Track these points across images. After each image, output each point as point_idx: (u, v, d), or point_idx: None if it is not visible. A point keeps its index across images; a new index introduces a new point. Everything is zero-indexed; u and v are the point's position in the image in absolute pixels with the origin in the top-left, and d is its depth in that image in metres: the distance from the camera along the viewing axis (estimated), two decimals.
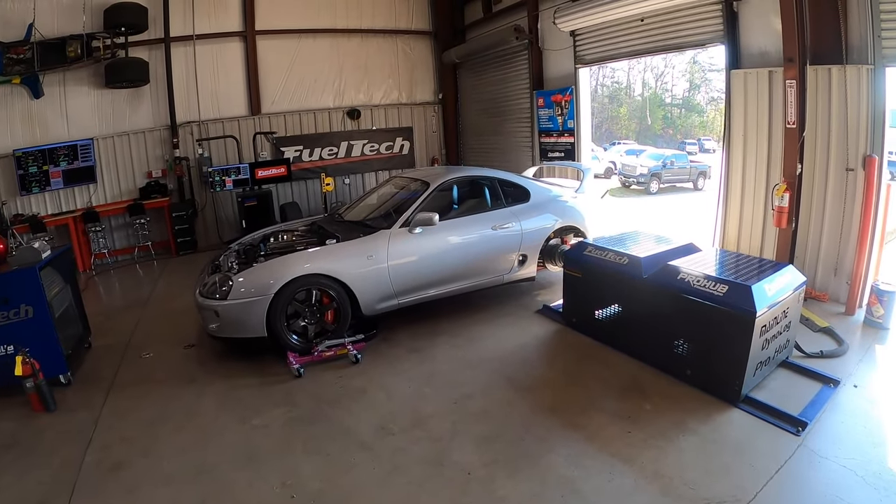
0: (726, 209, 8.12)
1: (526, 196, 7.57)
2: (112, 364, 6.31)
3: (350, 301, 6.21)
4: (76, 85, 11.32)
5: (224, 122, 12.70)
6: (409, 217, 6.56)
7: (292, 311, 6.03)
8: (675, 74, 47.58)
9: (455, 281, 6.88)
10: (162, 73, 11.92)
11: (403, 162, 14.41)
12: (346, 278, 6.10)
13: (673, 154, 25.76)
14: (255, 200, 11.54)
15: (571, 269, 6.39)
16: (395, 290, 6.47)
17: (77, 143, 11.40)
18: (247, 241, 7.37)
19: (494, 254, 7.11)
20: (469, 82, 14.36)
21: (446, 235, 6.75)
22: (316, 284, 6.03)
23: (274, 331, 5.88)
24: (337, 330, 6.20)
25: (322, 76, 13.54)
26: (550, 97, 11.09)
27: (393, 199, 7.50)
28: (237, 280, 5.85)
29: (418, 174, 7.95)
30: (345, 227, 7.00)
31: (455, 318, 7.02)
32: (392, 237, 6.42)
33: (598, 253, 6.08)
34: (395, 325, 6.82)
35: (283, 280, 5.82)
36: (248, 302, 5.76)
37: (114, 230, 12.04)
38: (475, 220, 7.07)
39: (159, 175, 12.37)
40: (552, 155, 11.37)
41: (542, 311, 7.13)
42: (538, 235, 7.44)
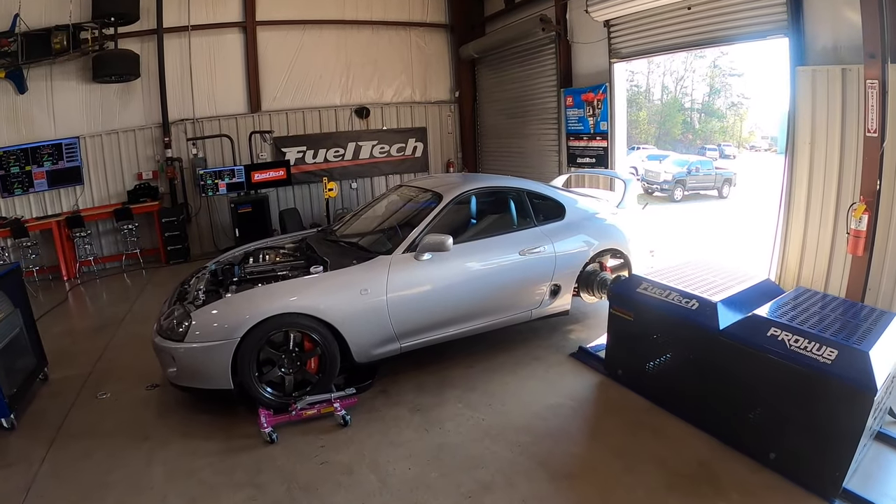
0: (786, 232, 6.77)
1: (560, 212, 6.18)
2: (64, 405, 5.24)
3: (339, 346, 4.87)
4: (63, 79, 10.39)
5: (220, 120, 11.52)
6: (416, 239, 5.21)
7: (266, 357, 4.73)
8: (695, 79, 46.91)
9: (472, 319, 5.51)
10: (154, 67, 10.84)
11: (416, 165, 13.22)
12: (333, 318, 4.76)
13: (698, 160, 24.40)
14: (250, 206, 10.41)
15: (620, 309, 4.99)
16: (396, 332, 5.11)
17: (62, 142, 10.54)
18: (226, 259, 6.12)
19: (522, 285, 5.75)
20: (489, 80, 13.00)
21: (462, 262, 5.38)
22: (294, 325, 4.69)
23: (242, 383, 4.61)
24: (322, 381, 4.87)
25: (328, 71, 12.26)
26: (580, 96, 9.72)
27: (397, 215, 6.14)
28: (196, 318, 4.60)
29: (429, 183, 6.42)
30: (336, 249, 5.67)
31: (469, 361, 5.66)
32: (393, 265, 5.07)
33: (658, 292, 4.68)
34: (397, 369, 5.49)
35: (252, 321, 4.52)
36: (209, 347, 4.50)
37: (101, 235, 11.08)
38: (498, 242, 5.69)
39: (150, 177, 11.28)
40: (581, 161, 10.03)
41: (578, 354, 5.73)
42: (574, 261, 6.04)
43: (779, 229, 6.89)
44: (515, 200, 6.07)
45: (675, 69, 46.24)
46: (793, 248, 6.71)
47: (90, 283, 10.22)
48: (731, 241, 12.97)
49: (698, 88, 47.15)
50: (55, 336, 7.09)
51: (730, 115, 46.33)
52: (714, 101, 46.56)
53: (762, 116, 46.08)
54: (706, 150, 35.81)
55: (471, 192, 5.95)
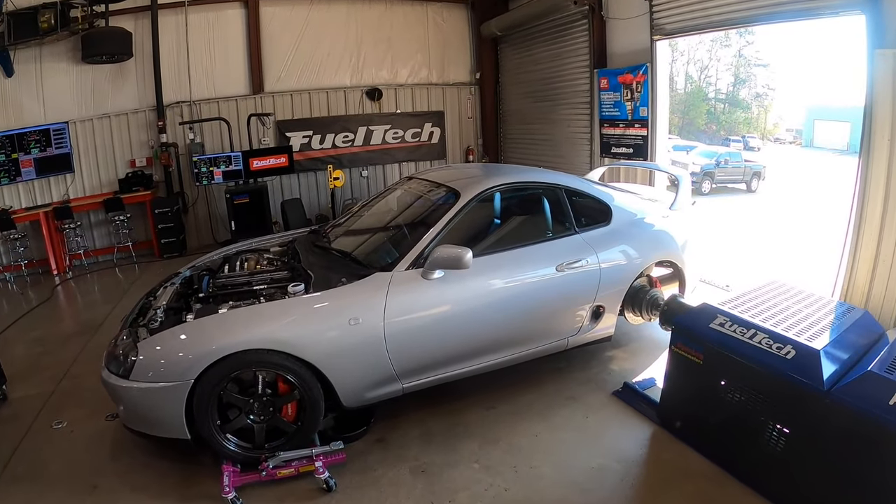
0: (857, 243, 5.52)
1: (605, 215, 4.99)
2: (16, 434, 4.41)
3: (323, 388, 3.78)
4: (53, 61, 9.50)
5: (220, 103, 10.45)
6: (424, 252, 4.03)
7: (230, 401, 3.67)
8: (719, 68, 45.58)
9: (494, 352, 4.36)
10: (149, 46, 9.82)
11: (432, 152, 12.05)
12: (313, 356, 3.64)
13: (727, 152, 23.08)
14: (248, 197, 9.35)
15: (686, 348, 3.79)
16: (397, 371, 3.97)
17: (50, 128, 9.65)
18: (203, 263, 5.05)
19: (558, 307, 4.58)
20: (512, 60, 11.71)
21: (484, 281, 4.21)
22: (263, 364, 3.60)
23: (202, 432, 3.57)
24: (301, 432, 3.78)
25: (337, 50, 11.07)
26: (617, 77, 8.47)
27: (403, 216, 4.96)
28: (143, 350, 3.56)
29: (444, 176, 5.11)
30: (325, 259, 4.54)
31: (489, 400, 4.53)
32: (394, 286, 3.91)
33: (739, 331, 3.49)
34: (398, 409, 4.37)
35: (207, 360, 3.45)
36: (158, 389, 3.46)
37: (93, 227, 10.21)
38: (530, 254, 4.50)
39: (144, 164, 10.29)
40: (616, 151, 8.79)
41: (623, 393, 4.56)
42: (622, 276, 4.84)
43: (848, 239, 5.65)
44: (551, 200, 4.86)
45: (699, 58, 45.17)
46: (863, 261, 5.49)
47: (81, 278, 9.40)
48: (776, 241, 11.79)
49: (723, 78, 45.86)
50: (28, 342, 6.34)
51: (754, 105, 45.07)
52: (738, 92, 45.18)
53: (787, 108, 45.29)
54: (730, 141, 34.86)
55: (496, 189, 4.69)
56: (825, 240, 11.03)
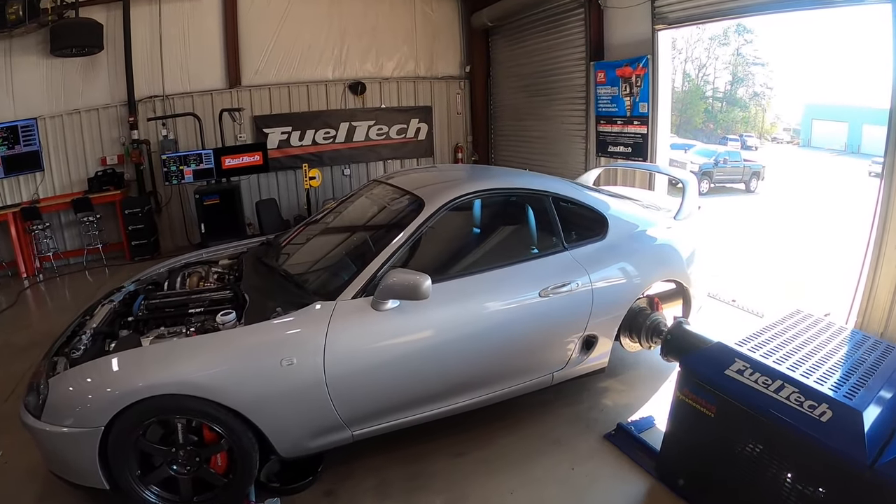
0: (877, 261, 4.80)
1: (600, 228, 4.22)
2: None
3: (258, 436, 3.12)
4: (23, 55, 8.88)
5: (194, 97, 9.74)
6: (375, 276, 3.29)
7: (148, 449, 3.06)
8: (717, 66, 45.73)
9: (463, 394, 3.63)
10: (121, 38, 9.15)
11: (419, 150, 11.29)
12: (239, 403, 2.98)
13: (726, 151, 22.61)
14: (218, 197, 8.64)
15: (696, 398, 3.05)
16: (343, 418, 3.27)
17: (18, 124, 8.98)
18: (150, 276, 4.37)
19: (541, 340, 3.83)
20: (505, 52, 10.96)
21: (449, 312, 3.46)
22: (182, 411, 2.97)
23: (119, 483, 3.01)
24: (233, 486, 3.13)
25: (318, 41, 10.32)
26: (615, 70, 7.75)
27: (358, 230, 4.22)
28: (53, 388, 2.96)
29: (412, 181, 4.29)
30: (267, 280, 3.81)
31: (459, 444, 3.81)
32: (336, 319, 3.17)
33: (761, 381, 2.78)
34: (351, 457, 3.65)
35: (117, 404, 2.83)
36: (68, 433, 2.88)
37: (64, 228, 9.55)
38: (508, 277, 3.73)
39: (115, 162, 9.61)
40: (613, 150, 8.06)
41: (616, 437, 3.83)
42: (619, 299, 4.08)
43: (867, 258, 4.93)
44: (535, 210, 4.10)
45: (697, 56, 45.26)
46: (883, 284, 4.78)
47: (50, 281, 8.83)
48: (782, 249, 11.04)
49: (721, 77, 45.94)
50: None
51: (752, 105, 45.06)
52: (736, 90, 45.18)
53: (785, 107, 45.79)
54: (728, 139, 34.92)
55: (469, 197, 3.91)
56: (833, 248, 10.31)
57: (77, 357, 3.16)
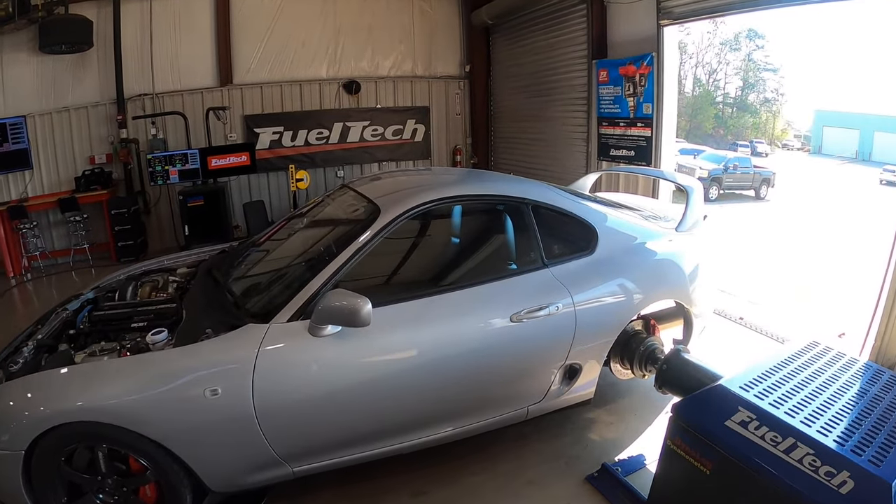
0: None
1: (589, 241, 3.69)
2: None
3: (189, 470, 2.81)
4: (14, 52, 8.77)
5: (184, 95, 9.52)
6: (312, 298, 2.88)
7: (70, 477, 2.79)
8: (728, 72, 44.91)
9: (418, 430, 3.20)
10: (111, 35, 8.98)
11: (415, 151, 10.97)
12: (160, 435, 2.66)
13: (736, 157, 22.10)
14: (202, 199, 8.42)
15: (689, 450, 2.56)
16: (279, 454, 2.88)
17: (6, 122, 8.85)
18: (110, 283, 4.06)
19: (513, 371, 3.35)
20: (505, 51, 10.58)
21: (399, 339, 3.03)
22: (102, 439, 2.68)
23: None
24: None
25: (312, 39, 10.06)
26: (618, 69, 7.34)
27: (309, 242, 3.76)
28: None
29: (377, 188, 3.83)
30: (211, 294, 3.46)
31: (421, 480, 3.40)
32: (268, 344, 2.78)
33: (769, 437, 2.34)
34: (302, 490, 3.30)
35: (35, 428, 2.58)
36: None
37: (52, 227, 9.39)
38: (473, 299, 3.24)
39: (104, 161, 9.42)
40: (616, 153, 7.63)
41: (599, 480, 3.35)
42: (608, 324, 3.58)
43: (886, 282, 4.33)
44: (513, 219, 3.62)
45: (707, 61, 44.59)
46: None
47: (38, 280, 8.68)
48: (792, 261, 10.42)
49: (731, 82, 45.12)
50: None
51: (763, 111, 44.30)
52: (747, 96, 44.42)
53: (796, 113, 45.11)
54: (738, 145, 34.28)
55: (429, 206, 3.36)
56: (843, 256, 9.81)
57: (14, 371, 2.88)
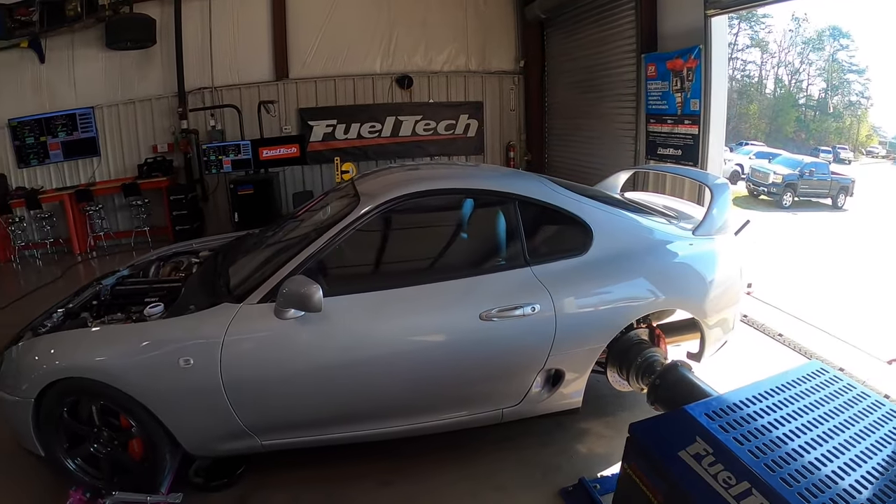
0: None
1: (582, 240, 3.44)
2: None
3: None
4: (84, 48, 9.63)
5: (242, 89, 9.93)
6: (278, 285, 2.98)
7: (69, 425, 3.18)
8: (811, 72, 43.06)
9: (382, 419, 3.25)
10: (173, 32, 9.57)
11: (468, 146, 10.89)
12: (142, 395, 2.92)
13: (812, 162, 20.85)
14: (252, 188, 8.74)
15: (642, 476, 2.23)
16: (247, 426, 3.05)
17: (76, 112, 9.73)
18: (143, 261, 4.41)
19: (480, 371, 3.24)
20: (559, 46, 10.29)
21: (358, 328, 3.08)
22: (96, 395, 3.00)
23: (49, 450, 3.15)
24: (147, 472, 3.11)
25: (367, 34, 10.19)
26: (665, 63, 6.98)
27: (299, 229, 3.79)
28: (7, 358, 3.19)
29: (377, 181, 3.82)
30: (209, 274, 3.67)
31: (389, 471, 3.39)
32: (237, 323, 2.95)
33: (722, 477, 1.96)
34: (276, 465, 3.42)
35: (43, 380, 2.97)
36: (10, 401, 3.08)
37: (117, 210, 10.16)
38: (439, 293, 3.20)
39: (166, 150, 10.02)
40: (663, 152, 7.25)
41: (573, 495, 3.10)
42: (596, 330, 3.33)
43: None
44: (497, 216, 3.49)
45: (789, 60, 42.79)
46: None
47: (101, 259, 9.40)
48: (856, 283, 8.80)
49: (814, 84, 43.16)
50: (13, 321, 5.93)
51: (847, 115, 41.89)
52: (831, 99, 42.26)
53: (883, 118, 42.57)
54: (819, 151, 32.14)
55: (406, 200, 3.35)
56: None
57: (41, 333, 3.21)
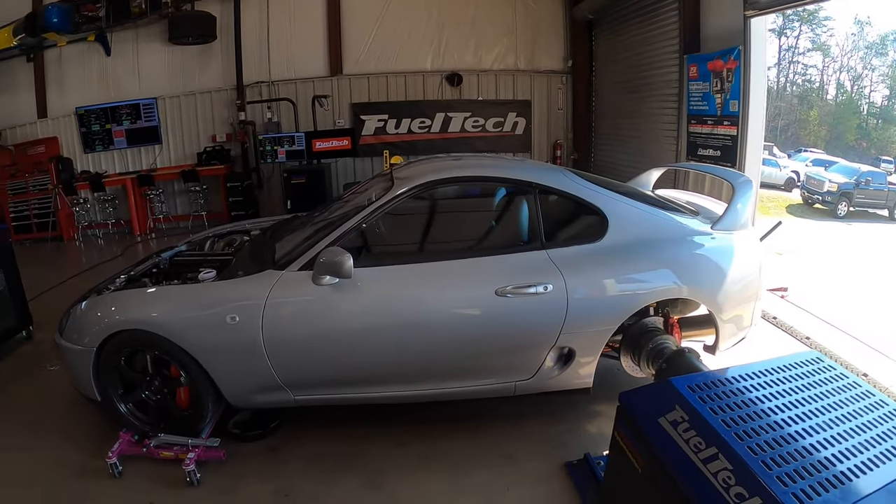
0: None
1: (598, 228, 3.57)
2: (16, 371, 4.90)
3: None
4: (148, 42, 10.37)
5: (297, 84, 10.41)
6: (316, 255, 3.29)
7: (124, 372, 3.66)
8: (874, 78, 40.51)
9: (404, 383, 3.53)
10: (232, 28, 10.10)
11: (515, 144, 11.07)
12: (192, 347, 3.34)
13: (869, 171, 20.09)
14: (304, 177, 9.20)
15: (629, 442, 2.25)
16: (282, 381, 3.40)
17: (140, 102, 10.48)
18: (198, 239, 4.90)
19: (494, 343, 3.43)
20: (605, 46, 10.40)
21: (384, 295, 3.38)
22: (152, 346, 3.44)
23: (106, 395, 3.60)
24: (191, 420, 3.54)
25: (417, 33, 10.51)
26: (706, 64, 7.02)
27: (343, 209, 4.02)
28: (73, 312, 3.68)
29: (402, 169, 4.21)
30: (260, 247, 4.08)
31: (407, 434, 3.67)
32: (279, 288, 3.31)
33: (693, 442, 2.01)
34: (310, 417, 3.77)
35: (105, 331, 3.42)
36: (74, 350, 3.54)
37: (176, 195, 10.82)
38: (462, 269, 3.45)
39: (224, 140, 10.60)
40: (703, 153, 7.27)
41: (577, 468, 3.25)
42: (606, 312, 3.46)
43: None
44: (518, 202, 3.79)
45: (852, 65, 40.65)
46: None
47: (159, 239, 10.06)
48: None
49: (878, 90, 40.60)
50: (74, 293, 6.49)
51: None
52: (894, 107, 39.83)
53: None
54: (881, 160, 29.97)
55: (436, 185, 3.70)
56: None
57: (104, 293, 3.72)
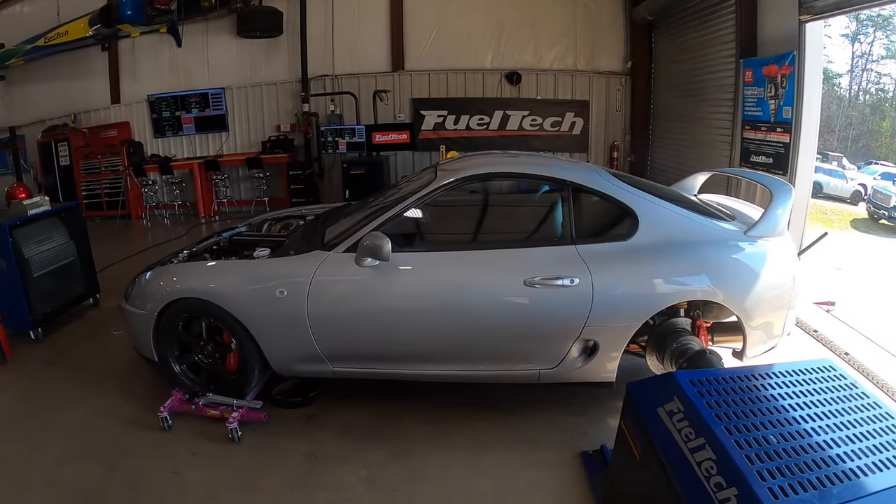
0: None
1: (629, 227, 3.65)
2: (86, 332, 5.54)
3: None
4: (217, 34, 11.08)
5: (360, 78, 10.80)
6: (360, 239, 3.56)
7: (181, 336, 4.15)
8: None
9: (434, 362, 3.75)
10: (298, 23, 10.66)
11: (573, 144, 11.10)
12: (243, 317, 3.76)
13: None
14: (363, 168, 9.58)
15: (631, 431, 2.40)
16: (323, 353, 3.72)
17: (208, 92, 11.18)
18: (258, 221, 5.38)
19: (521, 332, 3.59)
20: (664, 48, 10.37)
21: (420, 279, 3.65)
22: (207, 313, 3.90)
23: (163, 356, 4.12)
24: (237, 383, 3.97)
25: (477, 31, 10.70)
26: (761, 69, 6.95)
27: (392, 198, 4.20)
28: (139, 280, 4.25)
29: (449, 163, 4.59)
30: (312, 230, 4.43)
31: (438, 412, 3.90)
32: (324, 267, 3.64)
33: (686, 432, 2.10)
34: (348, 390, 4.10)
35: (167, 298, 3.95)
36: (137, 314, 4.07)
37: (240, 181, 11.44)
38: (494, 259, 3.66)
39: (287, 130, 11.15)
40: (756, 159, 7.17)
41: (591, 458, 3.35)
42: (630, 309, 3.53)
43: None
44: (554, 199, 3.92)
45: None
46: None
47: (222, 222, 10.44)
48: None
49: None
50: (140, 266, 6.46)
51: None
52: None
53: None
54: None
55: (473, 180, 3.97)
56: None
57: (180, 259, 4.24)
